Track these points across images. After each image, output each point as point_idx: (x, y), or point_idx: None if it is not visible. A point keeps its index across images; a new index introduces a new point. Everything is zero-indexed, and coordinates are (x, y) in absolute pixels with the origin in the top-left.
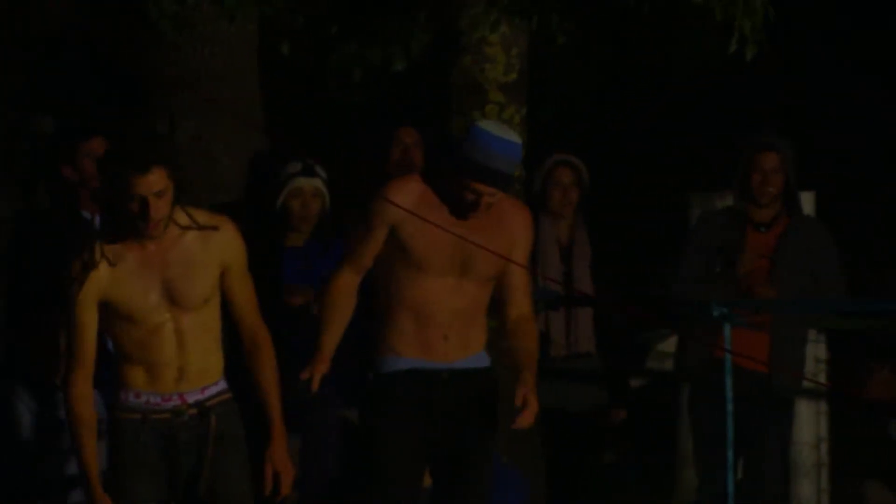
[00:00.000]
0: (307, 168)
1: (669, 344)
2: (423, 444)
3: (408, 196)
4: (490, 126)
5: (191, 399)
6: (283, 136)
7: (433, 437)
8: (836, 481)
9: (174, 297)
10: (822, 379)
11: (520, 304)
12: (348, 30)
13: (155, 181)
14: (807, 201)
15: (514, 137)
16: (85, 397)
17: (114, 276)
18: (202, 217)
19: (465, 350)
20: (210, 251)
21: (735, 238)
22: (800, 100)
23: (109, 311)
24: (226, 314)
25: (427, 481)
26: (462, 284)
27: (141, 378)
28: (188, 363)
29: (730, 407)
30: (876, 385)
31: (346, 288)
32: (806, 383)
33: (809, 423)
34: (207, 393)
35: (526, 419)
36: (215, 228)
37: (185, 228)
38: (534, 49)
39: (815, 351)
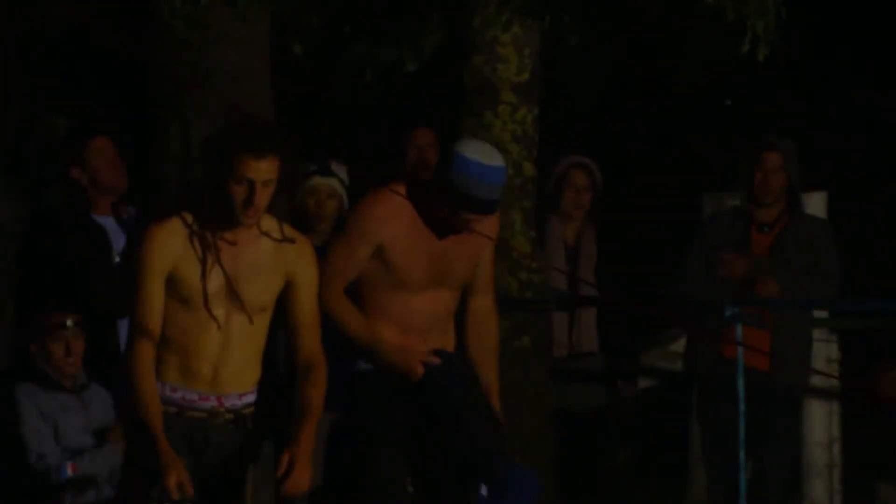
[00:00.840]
0: (323, 167)
1: (680, 344)
2: (407, 438)
3: (400, 219)
4: (473, 151)
5: (227, 403)
6: (294, 136)
7: (417, 432)
8: (848, 482)
9: (233, 295)
10: (834, 379)
11: (484, 295)
12: (360, 30)
13: (267, 169)
14: (818, 201)
15: (497, 161)
16: (147, 373)
17: (186, 254)
18: (287, 230)
19: None
20: (279, 261)
21: (737, 238)
22: (805, 100)
23: (168, 289)
24: None
25: None
26: (438, 293)
27: (175, 372)
28: (225, 365)
29: (742, 407)
30: (887, 385)
31: (342, 294)
32: (817, 383)
33: (821, 424)
34: (244, 400)
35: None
36: (292, 242)
37: (265, 234)
38: (546, 49)
39: (827, 351)
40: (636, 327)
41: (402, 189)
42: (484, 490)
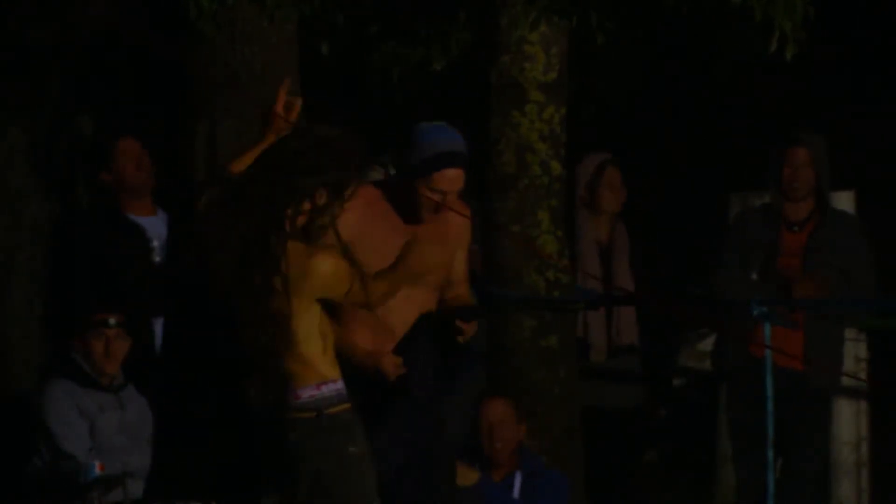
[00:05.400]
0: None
1: (708, 343)
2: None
3: (353, 213)
4: (424, 124)
5: None
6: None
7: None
8: (876, 481)
9: None
10: (863, 378)
11: (457, 289)
12: (388, 29)
13: None
14: (847, 200)
15: (448, 126)
16: None
17: None
18: None
19: None
20: None
21: (770, 237)
22: (832, 98)
23: None
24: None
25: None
26: (412, 294)
27: None
28: None
29: (770, 406)
30: None
31: None
32: (845, 382)
33: (850, 423)
34: None
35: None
36: None
37: None
38: (575, 49)
39: (856, 349)
40: (672, 326)
41: (366, 191)
42: (516, 491)
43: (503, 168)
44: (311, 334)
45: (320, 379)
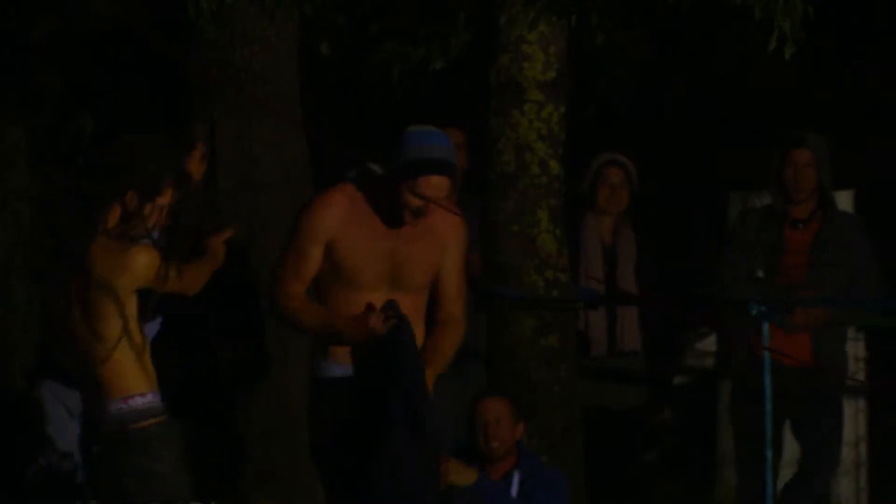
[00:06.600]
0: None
1: (709, 343)
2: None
3: (336, 210)
4: (415, 127)
5: None
6: (323, 135)
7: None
8: (875, 480)
9: None
10: (862, 377)
11: (448, 307)
12: (388, 29)
13: None
14: (845, 199)
15: (435, 129)
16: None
17: None
18: None
19: None
20: None
21: (772, 239)
22: (833, 97)
23: None
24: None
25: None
26: (394, 296)
27: None
28: None
29: (769, 406)
30: None
31: (299, 295)
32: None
33: (849, 422)
34: None
35: None
36: None
37: None
38: (573, 47)
39: (855, 349)
40: (676, 327)
41: (349, 188)
42: (514, 490)
43: (502, 167)
44: (122, 343)
45: (129, 392)
